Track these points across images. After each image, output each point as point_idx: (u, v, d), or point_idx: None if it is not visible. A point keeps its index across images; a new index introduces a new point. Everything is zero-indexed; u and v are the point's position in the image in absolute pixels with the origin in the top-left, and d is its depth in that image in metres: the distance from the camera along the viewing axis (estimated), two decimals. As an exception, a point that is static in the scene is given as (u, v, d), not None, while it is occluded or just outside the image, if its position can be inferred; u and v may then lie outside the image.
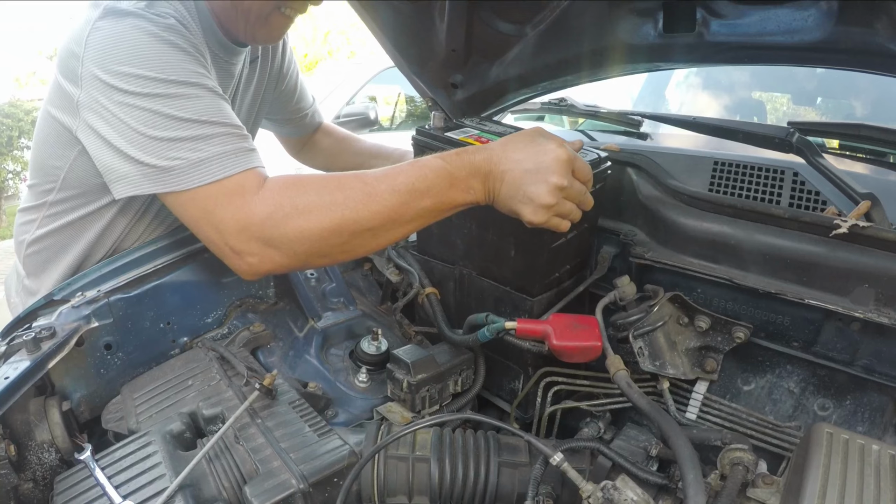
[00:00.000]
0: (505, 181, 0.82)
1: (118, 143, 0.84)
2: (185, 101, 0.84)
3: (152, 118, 0.83)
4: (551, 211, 0.82)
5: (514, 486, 0.77)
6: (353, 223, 0.80)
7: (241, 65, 1.16)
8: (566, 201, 0.83)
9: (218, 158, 0.83)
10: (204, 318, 1.12)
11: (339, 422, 0.95)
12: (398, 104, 5.34)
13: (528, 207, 0.81)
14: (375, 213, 0.80)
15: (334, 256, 0.86)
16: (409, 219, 0.82)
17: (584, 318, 0.89)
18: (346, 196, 0.80)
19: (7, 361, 0.83)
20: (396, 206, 0.80)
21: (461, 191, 0.82)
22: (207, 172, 0.83)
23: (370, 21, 1.23)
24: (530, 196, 0.81)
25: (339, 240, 0.82)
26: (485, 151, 0.84)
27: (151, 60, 0.84)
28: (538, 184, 0.80)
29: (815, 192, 0.95)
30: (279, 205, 0.81)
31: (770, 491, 0.64)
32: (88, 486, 0.74)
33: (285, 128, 1.48)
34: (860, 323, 0.77)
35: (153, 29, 0.86)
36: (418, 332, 1.16)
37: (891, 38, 0.83)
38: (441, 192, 0.81)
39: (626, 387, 0.78)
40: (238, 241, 0.82)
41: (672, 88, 2.22)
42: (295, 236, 0.81)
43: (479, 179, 0.82)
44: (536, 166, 0.81)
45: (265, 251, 0.82)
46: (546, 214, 0.82)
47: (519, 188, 0.81)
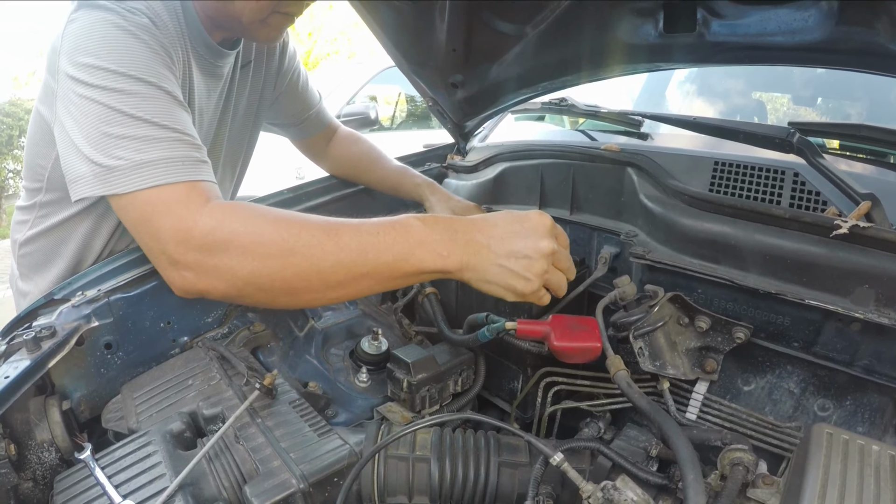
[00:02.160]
0: (485, 250, 0.75)
1: (76, 138, 0.81)
2: (141, 99, 0.81)
3: (107, 113, 0.80)
4: (541, 279, 0.77)
5: (514, 486, 0.77)
6: (302, 259, 0.73)
7: (228, 67, 1.15)
8: (556, 270, 0.79)
9: (163, 163, 0.78)
10: (204, 318, 1.12)
11: (339, 422, 0.95)
12: (398, 104, 5.34)
13: (517, 277, 0.76)
14: (327, 253, 0.73)
15: (275, 295, 0.76)
16: (364, 271, 0.73)
17: (584, 320, 0.89)
18: (302, 230, 0.74)
19: (7, 361, 0.83)
20: (354, 253, 0.73)
21: (431, 253, 0.74)
22: (150, 176, 0.77)
23: (370, 21, 1.23)
24: (519, 262, 0.75)
25: (281, 275, 0.73)
26: (466, 220, 0.78)
27: (115, 54, 0.82)
28: (528, 249, 0.75)
29: (815, 193, 0.95)
30: (224, 222, 0.75)
31: (770, 491, 0.64)
32: (88, 485, 0.74)
33: (290, 130, 1.45)
34: (860, 323, 0.77)
35: (122, 23, 0.84)
36: (418, 332, 1.16)
37: (891, 38, 0.83)
38: (407, 249, 0.73)
39: (626, 387, 0.78)
40: (177, 252, 0.76)
41: (672, 88, 2.22)
42: (237, 258, 0.73)
43: (455, 245, 0.75)
44: (524, 230, 0.76)
45: (203, 267, 0.75)
46: (537, 282, 0.76)
47: (504, 256, 0.75)
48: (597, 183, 1.20)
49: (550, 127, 1.74)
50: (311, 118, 1.42)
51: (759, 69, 2.04)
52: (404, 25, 1.23)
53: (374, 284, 0.76)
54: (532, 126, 1.73)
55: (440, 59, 1.27)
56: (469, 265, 0.76)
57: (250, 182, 1.54)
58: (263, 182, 2.87)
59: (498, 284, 0.77)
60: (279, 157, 3.23)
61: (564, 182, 1.25)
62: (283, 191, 1.32)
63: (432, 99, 1.44)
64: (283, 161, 3.47)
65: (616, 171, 1.15)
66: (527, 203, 1.33)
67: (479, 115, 1.51)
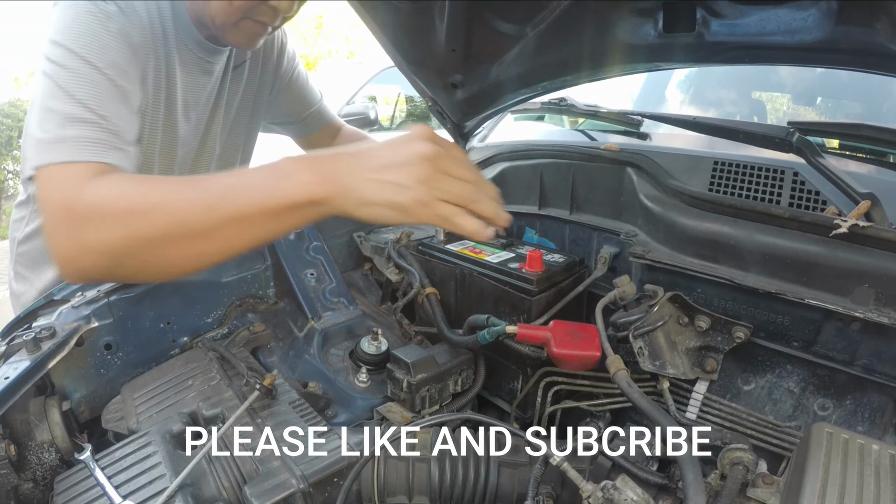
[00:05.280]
0: (356, 169, 0.68)
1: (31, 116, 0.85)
2: (82, 80, 0.83)
3: (52, 88, 0.82)
4: (428, 187, 0.66)
5: (514, 486, 0.77)
6: (164, 212, 0.70)
7: (220, 65, 1.15)
8: (449, 177, 0.68)
9: (73, 141, 0.78)
10: (204, 318, 1.12)
11: (339, 422, 0.95)
12: (398, 104, 5.34)
13: (397, 188, 0.66)
14: (189, 201, 0.70)
15: (145, 259, 0.74)
16: (230, 215, 0.69)
17: (585, 327, 0.89)
18: (165, 184, 0.72)
19: (7, 361, 0.83)
20: (217, 196, 0.69)
21: (297, 183, 0.68)
22: (60, 152, 0.78)
23: (370, 21, 1.23)
24: (394, 172, 0.66)
25: (146, 232, 0.71)
26: (337, 149, 0.73)
27: (75, 35, 0.85)
28: (402, 155, 0.67)
29: (815, 192, 0.95)
30: (98, 193, 0.73)
31: (770, 491, 0.64)
32: (88, 486, 0.74)
33: (292, 128, 1.46)
34: (860, 323, 0.77)
35: (92, 9, 0.87)
36: (418, 332, 1.16)
37: (891, 38, 0.83)
38: (272, 184, 0.69)
39: (626, 387, 0.77)
40: (57, 232, 0.75)
41: (672, 88, 2.22)
42: (103, 224, 0.72)
43: (323, 171, 0.69)
44: (397, 142, 0.69)
45: (78, 243, 0.73)
46: (422, 190, 0.66)
47: (377, 169, 0.67)
48: (596, 183, 1.20)
49: (550, 127, 1.74)
50: (313, 116, 1.43)
51: (759, 69, 2.04)
52: (404, 25, 1.23)
53: (244, 230, 0.71)
54: (532, 126, 1.73)
55: (440, 59, 1.27)
56: (340, 189, 0.68)
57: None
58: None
59: (377, 203, 0.68)
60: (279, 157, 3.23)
61: (564, 182, 1.25)
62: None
63: (432, 99, 1.44)
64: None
65: (616, 171, 1.15)
66: (527, 203, 1.33)
67: (478, 115, 1.51)
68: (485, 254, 1.11)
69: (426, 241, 1.20)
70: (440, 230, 1.23)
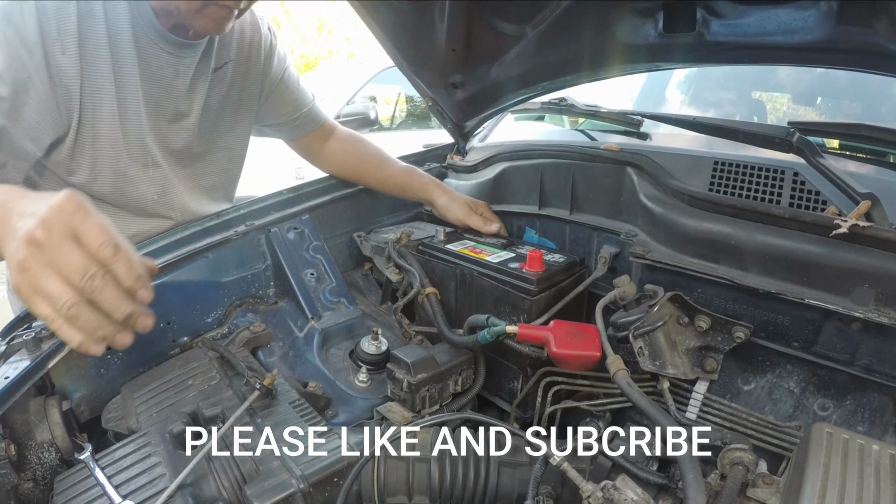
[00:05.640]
0: (5, 225, 0.61)
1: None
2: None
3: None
4: (21, 272, 0.59)
5: (514, 486, 0.77)
6: None
7: (192, 61, 1.14)
8: (47, 271, 0.58)
9: None
10: (204, 318, 1.12)
11: (339, 422, 0.95)
12: (398, 104, 5.35)
13: (6, 253, 0.60)
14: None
15: None
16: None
17: (585, 327, 0.89)
18: None
19: (7, 361, 0.83)
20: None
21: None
22: None
23: (370, 21, 1.23)
24: (10, 233, 0.60)
25: None
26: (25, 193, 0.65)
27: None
28: (22, 218, 0.59)
29: (815, 192, 0.95)
30: None
31: (770, 491, 0.64)
32: (88, 485, 0.74)
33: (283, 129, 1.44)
34: (860, 323, 0.77)
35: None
36: (418, 332, 1.16)
37: (891, 38, 0.83)
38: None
39: (626, 387, 0.77)
40: None
41: (672, 88, 2.22)
42: None
43: None
44: (30, 206, 0.60)
45: None
46: (15, 276, 0.59)
47: (10, 222, 0.61)
48: (596, 183, 1.20)
49: (550, 127, 1.74)
50: (304, 117, 1.40)
51: (759, 69, 2.04)
52: (404, 25, 1.23)
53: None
54: (532, 126, 1.73)
55: (440, 59, 1.27)
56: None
57: (251, 182, 1.54)
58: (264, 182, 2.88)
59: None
60: (279, 158, 3.23)
61: (564, 182, 1.25)
62: (282, 191, 1.32)
63: (432, 99, 1.44)
64: (283, 161, 3.46)
65: (616, 171, 1.15)
66: (527, 203, 1.33)
67: (478, 115, 1.51)
68: (485, 254, 1.11)
69: (426, 241, 1.20)
70: (440, 230, 1.23)
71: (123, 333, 0.65)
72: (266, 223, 1.23)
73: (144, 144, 1.13)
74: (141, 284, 0.64)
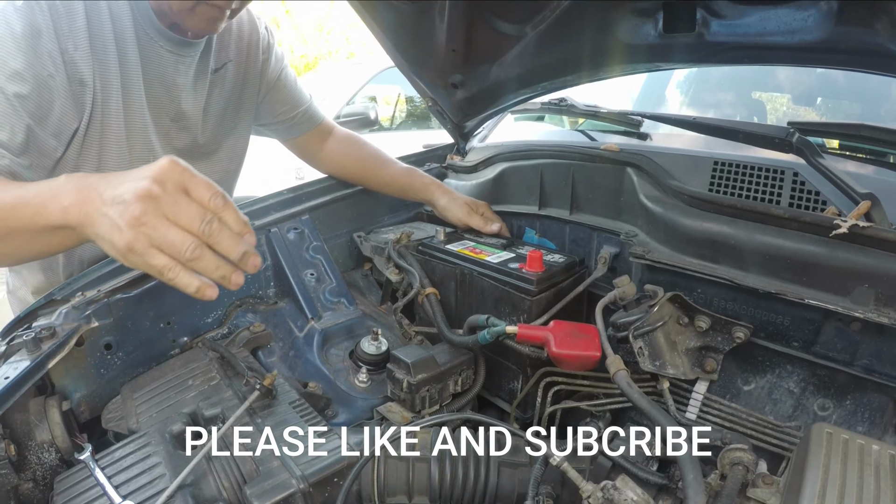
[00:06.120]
0: (97, 197, 0.64)
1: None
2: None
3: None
4: (136, 231, 0.61)
5: (514, 486, 0.77)
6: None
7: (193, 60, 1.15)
8: (167, 223, 0.61)
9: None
10: (204, 318, 1.12)
11: (339, 422, 0.95)
12: (398, 104, 5.35)
13: (113, 227, 0.62)
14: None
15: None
16: (13, 225, 0.71)
17: (585, 328, 0.89)
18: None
19: (7, 361, 0.83)
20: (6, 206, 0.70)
21: (57, 206, 0.67)
22: None
23: (370, 21, 1.23)
24: (116, 208, 0.62)
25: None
26: (109, 173, 0.69)
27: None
28: (127, 191, 0.62)
29: (815, 193, 0.95)
30: None
31: (770, 491, 0.64)
32: (88, 486, 0.74)
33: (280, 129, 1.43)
34: (860, 323, 0.77)
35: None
36: (418, 332, 1.16)
37: (891, 38, 0.83)
38: (41, 202, 0.68)
39: (626, 387, 0.77)
40: None
41: (672, 88, 2.22)
42: None
43: (79, 195, 0.66)
44: (137, 172, 0.64)
45: None
46: (130, 234, 0.61)
47: (108, 203, 0.63)
48: (596, 183, 1.20)
49: (550, 127, 1.74)
50: (301, 115, 1.41)
51: (758, 69, 2.04)
52: (404, 25, 1.23)
53: (27, 243, 0.72)
54: (532, 126, 1.73)
55: (440, 59, 1.27)
56: (83, 218, 0.65)
57: (251, 183, 1.53)
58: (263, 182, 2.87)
59: (103, 238, 0.63)
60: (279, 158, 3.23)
61: (564, 182, 1.25)
62: (283, 191, 1.32)
63: (432, 99, 1.44)
64: (282, 161, 3.46)
65: (616, 171, 1.15)
66: (527, 203, 1.33)
67: (478, 116, 1.51)
68: (485, 254, 1.11)
69: (426, 241, 1.20)
70: (440, 230, 1.23)
71: (237, 273, 0.67)
72: (266, 223, 1.23)
73: (149, 142, 1.13)
74: (248, 229, 0.68)
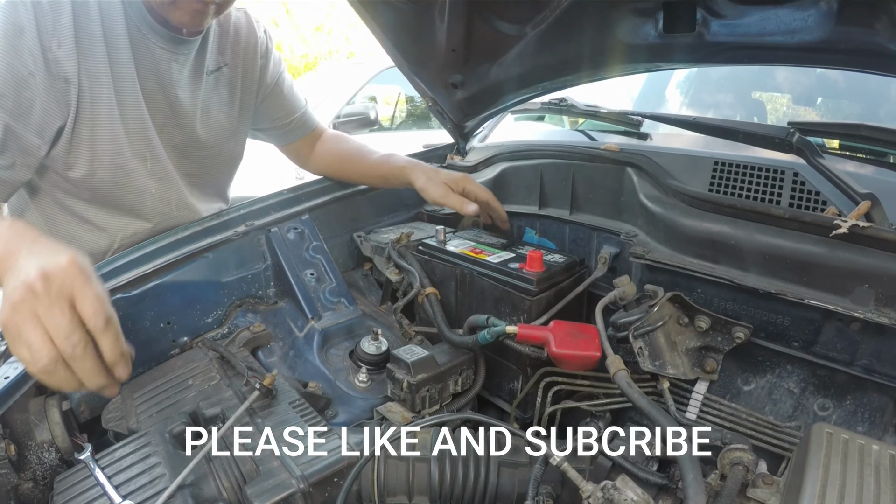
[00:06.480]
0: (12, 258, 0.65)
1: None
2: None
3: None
4: (9, 314, 0.61)
5: (514, 486, 0.77)
6: None
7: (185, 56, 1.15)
8: (36, 328, 0.60)
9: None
10: (204, 318, 1.12)
11: (339, 422, 0.95)
12: (398, 104, 5.35)
13: (5, 286, 0.63)
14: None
15: None
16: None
17: (585, 328, 0.89)
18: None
19: (7, 361, 0.83)
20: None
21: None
22: None
23: (370, 21, 1.23)
24: (13, 270, 0.63)
25: None
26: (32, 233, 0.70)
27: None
28: (29, 261, 0.63)
29: (815, 193, 0.95)
30: None
31: (770, 491, 0.64)
32: (88, 485, 0.74)
33: (275, 134, 1.44)
34: (860, 323, 0.77)
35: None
36: (418, 332, 1.16)
37: (891, 38, 0.83)
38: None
39: (626, 387, 0.77)
40: None
41: (672, 88, 2.22)
42: None
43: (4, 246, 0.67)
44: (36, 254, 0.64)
45: None
46: (4, 313, 0.61)
47: (16, 260, 0.64)
48: (596, 183, 1.20)
49: (550, 127, 1.74)
50: (297, 122, 1.42)
51: (758, 69, 2.04)
52: (404, 25, 1.23)
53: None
54: (532, 126, 1.73)
55: (440, 59, 1.27)
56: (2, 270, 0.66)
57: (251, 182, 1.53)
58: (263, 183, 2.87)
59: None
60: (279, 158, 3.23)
61: (564, 182, 1.25)
62: (283, 191, 1.32)
63: (432, 99, 1.44)
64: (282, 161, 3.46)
65: (616, 171, 1.15)
66: (527, 203, 1.33)
67: (478, 115, 1.51)
68: (485, 254, 1.11)
69: (426, 241, 1.20)
70: (440, 230, 1.22)
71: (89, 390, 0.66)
72: (266, 223, 1.23)
73: (146, 137, 1.14)
74: (123, 362, 0.66)
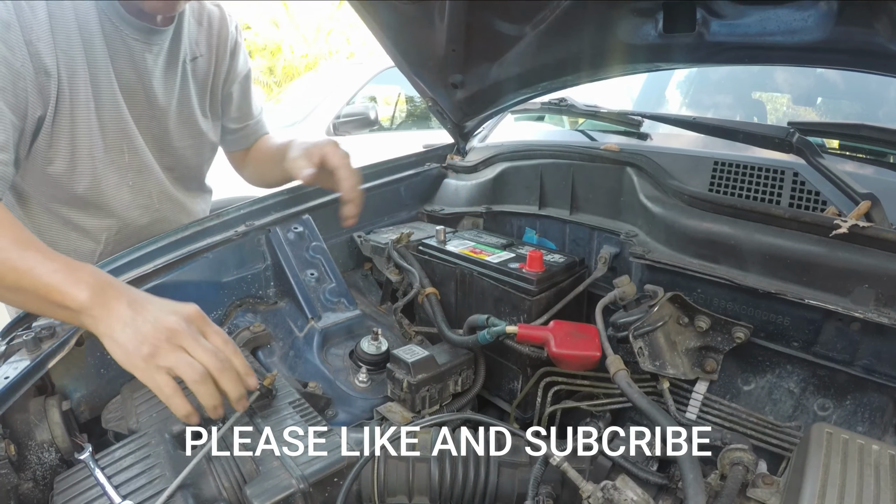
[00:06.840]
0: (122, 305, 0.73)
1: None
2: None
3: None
4: (154, 350, 0.70)
5: (514, 486, 0.77)
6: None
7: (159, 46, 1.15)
8: (181, 352, 0.71)
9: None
10: (204, 318, 1.12)
11: (339, 422, 0.95)
12: (398, 104, 5.34)
13: (132, 338, 0.70)
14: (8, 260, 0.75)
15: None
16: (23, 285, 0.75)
17: (584, 327, 0.89)
18: None
19: (7, 361, 0.83)
20: (22, 269, 0.74)
21: (76, 293, 0.73)
22: None
23: (370, 21, 1.23)
24: (143, 325, 0.71)
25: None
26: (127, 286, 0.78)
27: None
28: (155, 317, 0.72)
29: (815, 193, 0.95)
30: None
31: (770, 491, 0.64)
32: (88, 485, 0.74)
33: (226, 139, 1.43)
34: (860, 323, 0.77)
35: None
36: (418, 332, 1.16)
37: (891, 38, 0.83)
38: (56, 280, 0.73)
39: (626, 387, 0.77)
40: None
41: (672, 88, 2.22)
42: None
43: (99, 294, 0.73)
44: (168, 304, 0.75)
45: None
46: (146, 350, 0.70)
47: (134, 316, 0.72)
48: (596, 183, 1.20)
49: (550, 127, 1.74)
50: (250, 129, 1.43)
51: (758, 69, 2.04)
52: (404, 25, 1.23)
53: (30, 299, 0.76)
54: (532, 126, 1.73)
55: (440, 59, 1.27)
56: (103, 316, 0.73)
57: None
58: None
59: (115, 340, 0.72)
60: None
61: (564, 182, 1.25)
62: (283, 191, 1.32)
63: (432, 99, 1.44)
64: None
65: (616, 171, 1.15)
66: (527, 203, 1.33)
67: (478, 115, 1.51)
68: (485, 254, 1.11)
69: (426, 241, 1.20)
70: (440, 230, 1.23)
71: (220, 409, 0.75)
72: (266, 223, 1.23)
73: (123, 129, 1.15)
74: (251, 374, 0.78)
